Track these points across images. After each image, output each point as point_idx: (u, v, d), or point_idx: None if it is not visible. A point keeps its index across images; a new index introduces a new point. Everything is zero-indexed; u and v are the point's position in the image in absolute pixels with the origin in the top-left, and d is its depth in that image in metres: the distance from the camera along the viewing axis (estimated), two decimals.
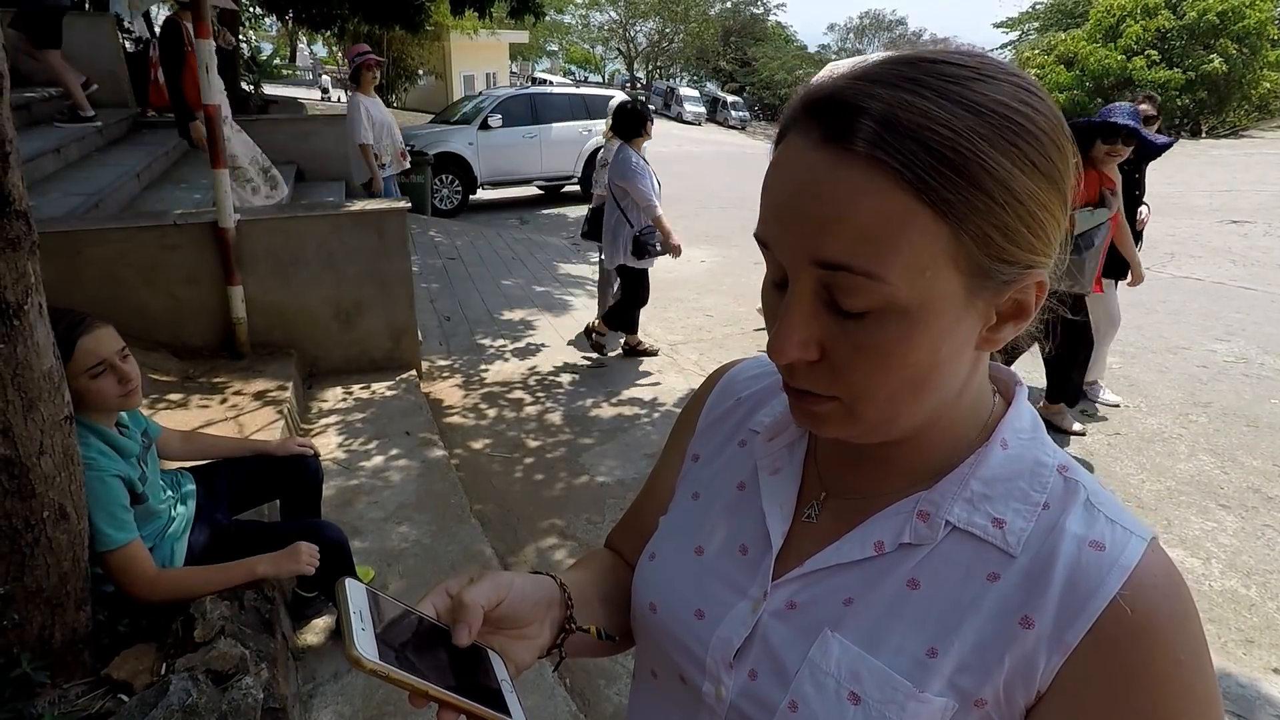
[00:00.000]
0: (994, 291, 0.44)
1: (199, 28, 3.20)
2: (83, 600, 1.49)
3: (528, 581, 0.56)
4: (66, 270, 3.17)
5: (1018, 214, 0.41)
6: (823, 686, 0.48)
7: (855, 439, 0.49)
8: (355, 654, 0.42)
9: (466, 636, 0.48)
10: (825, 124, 0.42)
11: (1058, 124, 0.43)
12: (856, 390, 0.45)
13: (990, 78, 0.42)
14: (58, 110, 5.37)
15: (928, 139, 0.39)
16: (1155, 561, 0.45)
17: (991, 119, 0.40)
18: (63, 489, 1.37)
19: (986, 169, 0.40)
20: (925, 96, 0.40)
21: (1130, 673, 0.42)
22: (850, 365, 0.44)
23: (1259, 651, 2.35)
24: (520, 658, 0.53)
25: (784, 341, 0.45)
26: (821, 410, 0.47)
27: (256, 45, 17.94)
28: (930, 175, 0.39)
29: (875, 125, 0.40)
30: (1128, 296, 4.62)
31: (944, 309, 0.43)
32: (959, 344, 0.45)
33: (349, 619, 0.44)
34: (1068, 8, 28.49)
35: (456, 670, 0.47)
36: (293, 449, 2.05)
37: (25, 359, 1.26)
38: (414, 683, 0.44)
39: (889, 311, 0.42)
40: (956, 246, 0.41)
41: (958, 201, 0.40)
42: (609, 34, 43.96)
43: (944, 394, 0.48)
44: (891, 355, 0.43)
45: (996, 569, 0.47)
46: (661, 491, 0.68)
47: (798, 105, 0.45)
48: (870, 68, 0.43)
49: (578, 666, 2.21)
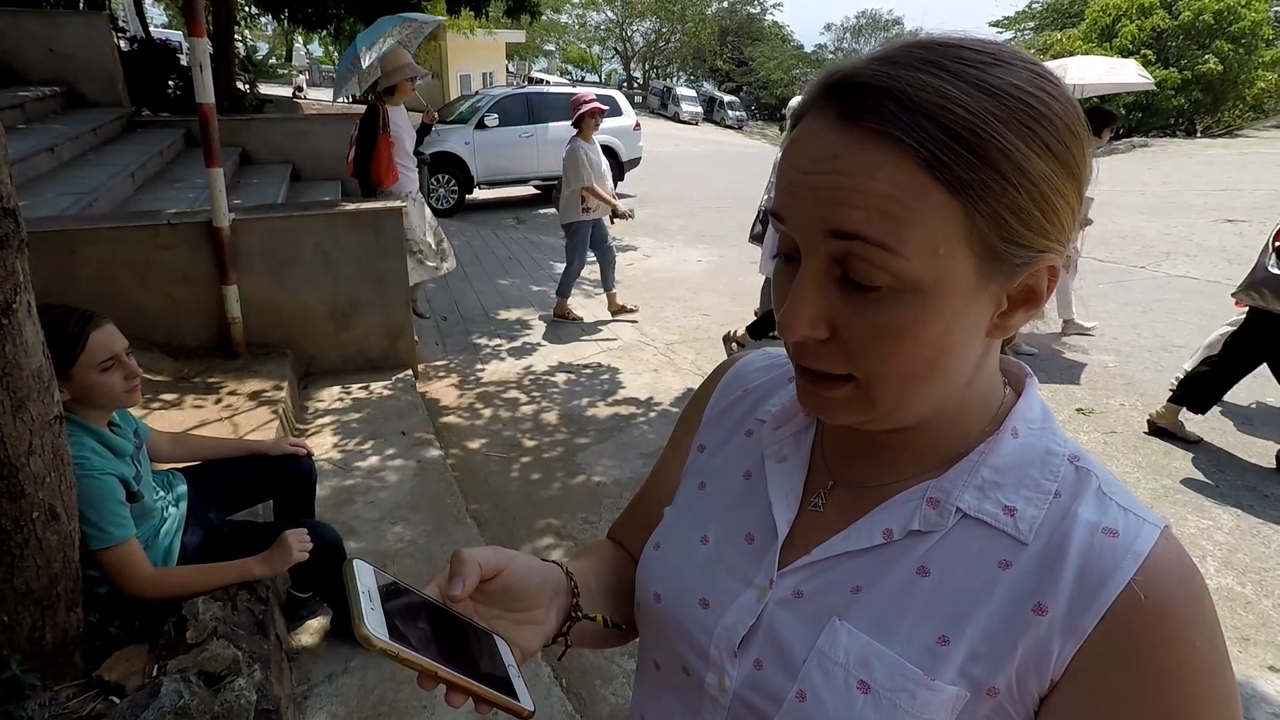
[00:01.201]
0: (1006, 276, 0.44)
1: (192, 26, 3.18)
2: (74, 602, 1.48)
3: (532, 562, 0.56)
4: (60, 270, 3.15)
5: (1031, 196, 0.42)
6: (831, 675, 0.47)
7: (866, 425, 0.49)
8: (365, 632, 0.42)
9: (460, 588, 0.49)
10: (844, 103, 0.43)
11: (1074, 111, 0.43)
12: (871, 370, 0.45)
13: (1007, 63, 0.42)
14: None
15: (943, 118, 0.40)
16: (1169, 548, 0.44)
17: (1007, 102, 0.41)
18: (53, 489, 1.36)
19: (1001, 150, 0.40)
20: (942, 78, 0.41)
21: (1145, 659, 0.42)
22: (863, 344, 0.44)
23: (1255, 649, 2.35)
24: (526, 643, 0.53)
25: (795, 317, 0.44)
26: (835, 395, 0.47)
27: (253, 45, 17.89)
28: (945, 153, 0.40)
29: (893, 104, 0.40)
30: (1125, 296, 4.63)
31: (957, 290, 0.43)
32: (971, 328, 0.45)
33: (358, 598, 0.44)
34: (1063, 8, 28.55)
35: (464, 653, 0.47)
36: (285, 448, 2.04)
37: (14, 358, 1.25)
38: (424, 663, 0.44)
39: (902, 289, 0.42)
40: (970, 226, 0.41)
41: (972, 181, 0.40)
42: (606, 33, 43.95)
43: (955, 379, 0.47)
44: (904, 334, 0.43)
45: (1008, 556, 0.46)
46: (666, 483, 0.68)
47: (816, 88, 0.45)
48: (889, 51, 0.43)
49: (574, 667, 2.20)
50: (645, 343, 5.10)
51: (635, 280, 6.76)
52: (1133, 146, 15.83)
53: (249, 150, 6.61)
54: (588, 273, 6.98)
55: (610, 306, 5.54)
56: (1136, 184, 11.16)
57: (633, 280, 6.76)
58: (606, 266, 5.49)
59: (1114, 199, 9.69)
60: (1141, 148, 15.67)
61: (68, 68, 6.13)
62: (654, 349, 4.97)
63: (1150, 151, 15.17)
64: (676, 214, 10.08)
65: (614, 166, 11.19)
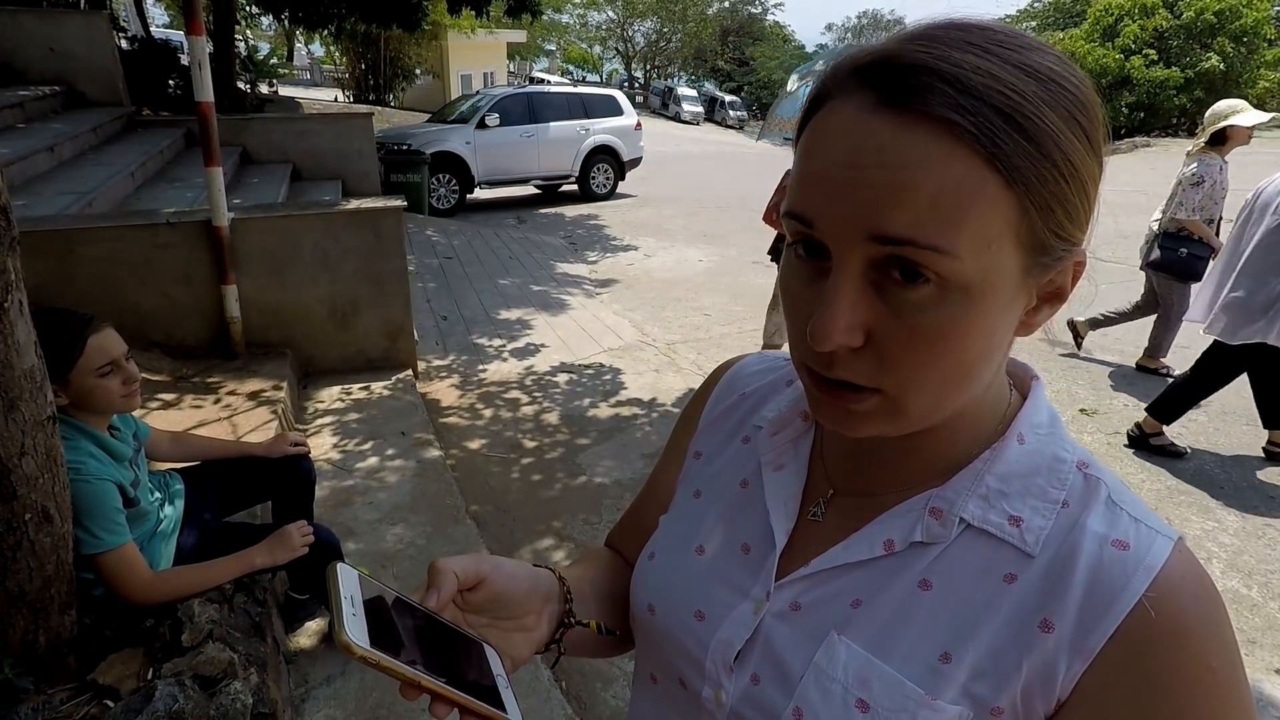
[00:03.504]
0: (1043, 270, 0.42)
1: (191, 25, 3.16)
2: (67, 604, 1.46)
3: (520, 568, 0.54)
4: (59, 269, 3.14)
5: (1074, 186, 0.39)
6: (829, 693, 0.45)
7: (890, 434, 0.45)
8: (345, 639, 0.40)
9: (435, 600, 0.47)
10: (885, 87, 0.38)
11: (1098, 98, 0.41)
12: (904, 380, 0.41)
13: (1036, 47, 0.40)
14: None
15: (998, 102, 0.37)
16: (1183, 562, 0.42)
17: (1050, 86, 0.38)
18: (46, 491, 1.34)
19: (1053, 137, 0.38)
20: (988, 59, 0.38)
21: (1158, 680, 0.39)
22: (901, 352, 0.40)
23: (1261, 652, 2.33)
24: (517, 651, 0.52)
25: (829, 327, 0.40)
26: (861, 408, 0.43)
27: (254, 45, 17.91)
28: (1004, 140, 0.37)
29: (948, 86, 0.37)
30: (1127, 296, 4.61)
31: (1002, 288, 0.40)
32: (1008, 327, 0.42)
33: (339, 604, 0.42)
34: (1065, 7, 28.51)
35: (451, 662, 0.45)
36: (284, 450, 2.02)
37: (5, 358, 1.23)
38: (405, 672, 0.42)
39: (950, 290, 0.39)
40: (1021, 218, 0.39)
41: (1027, 169, 0.38)
42: (607, 33, 43.93)
43: (983, 383, 0.45)
44: (948, 338, 0.40)
45: (1014, 569, 0.44)
46: (662, 490, 0.66)
47: (843, 70, 0.41)
48: (925, 30, 0.40)
49: (574, 669, 2.19)
50: (646, 343, 5.08)
51: (636, 280, 6.75)
52: (1135, 146, 15.79)
53: (249, 150, 6.60)
54: (588, 272, 7.00)
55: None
56: (1139, 184, 11.13)
57: (634, 280, 6.75)
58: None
59: (1116, 198, 9.65)
60: (1144, 147, 15.64)
61: (68, 67, 6.11)
62: (655, 349, 4.96)
63: (1152, 151, 15.13)
64: (677, 214, 10.07)
65: (615, 166, 11.21)
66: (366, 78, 19.80)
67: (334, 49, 22.69)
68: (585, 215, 9.97)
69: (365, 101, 18.55)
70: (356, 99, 19.37)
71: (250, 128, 6.73)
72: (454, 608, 0.50)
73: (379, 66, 19.47)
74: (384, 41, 18.56)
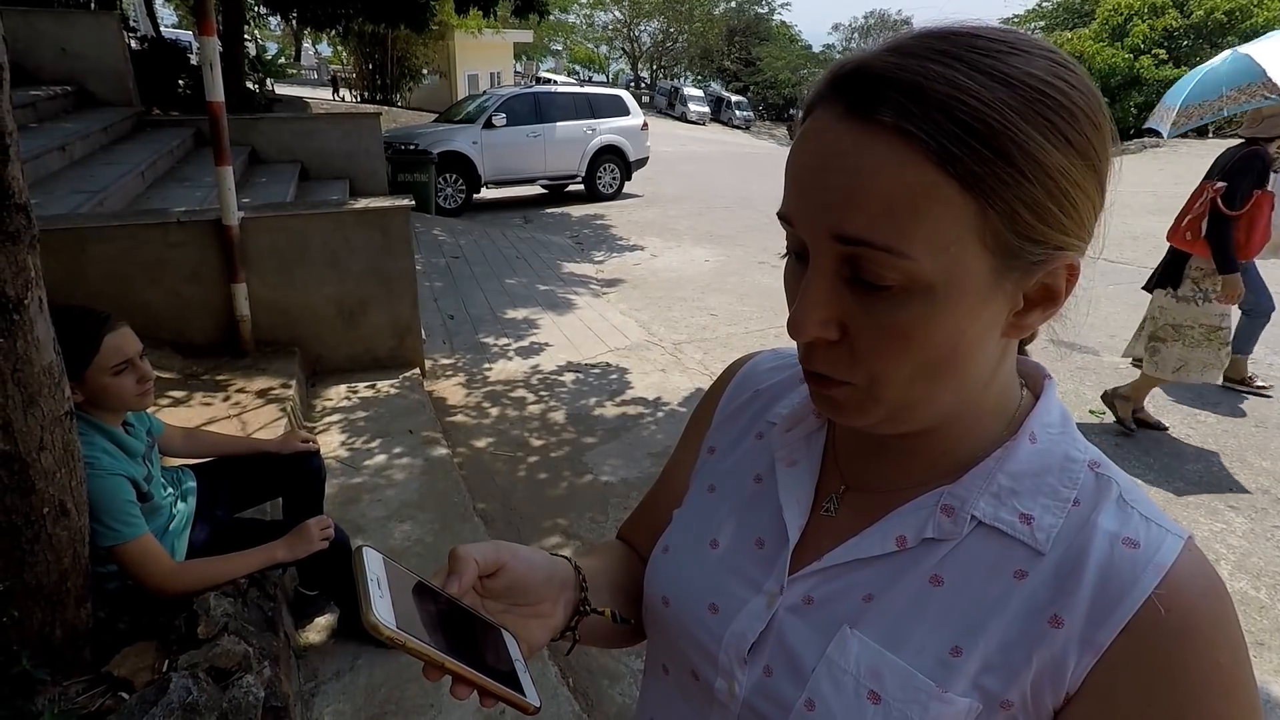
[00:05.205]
0: (1023, 273, 0.42)
1: (203, 25, 3.19)
2: (83, 597, 1.48)
3: (538, 556, 0.55)
4: (71, 267, 3.16)
5: (1048, 190, 0.40)
6: (841, 685, 0.46)
7: (876, 428, 0.48)
8: (374, 620, 0.42)
9: (456, 586, 0.48)
10: (851, 97, 0.41)
11: (1095, 101, 0.42)
12: (874, 374, 0.44)
13: (1024, 51, 0.41)
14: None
15: (955, 110, 0.38)
16: (1192, 561, 0.43)
17: (1023, 92, 0.39)
18: (63, 485, 1.36)
19: (1016, 142, 0.39)
20: (955, 68, 0.39)
21: (1166, 676, 0.40)
22: (871, 346, 0.43)
23: (1269, 654, 2.32)
24: (534, 637, 0.53)
25: (803, 319, 0.43)
26: (838, 394, 0.46)
27: (263, 45, 18.01)
28: (956, 147, 0.38)
29: (901, 96, 0.39)
30: (1136, 297, 4.59)
31: (969, 288, 0.41)
32: (984, 328, 0.43)
33: (366, 586, 0.44)
34: (1074, 6, 28.36)
35: (471, 646, 0.47)
36: (295, 446, 2.04)
37: (25, 354, 1.25)
38: (431, 653, 0.43)
39: (913, 289, 0.41)
40: (983, 222, 0.40)
41: (985, 175, 0.39)
42: (613, 33, 43.96)
43: (969, 381, 0.46)
44: (913, 335, 0.42)
45: (1024, 566, 0.45)
46: (676, 484, 0.67)
47: (824, 80, 0.44)
48: (901, 41, 0.42)
49: (581, 666, 2.20)
50: (652, 342, 5.09)
51: (643, 280, 6.76)
52: (1144, 146, 15.71)
53: (258, 149, 6.63)
54: (594, 272, 7.01)
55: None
56: (1148, 184, 11.08)
57: (640, 280, 6.76)
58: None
59: (1125, 199, 9.57)
60: (1152, 148, 15.55)
61: (78, 67, 6.16)
62: (661, 349, 4.96)
63: (1161, 152, 15.05)
64: (684, 214, 10.07)
65: (621, 166, 11.22)
66: (374, 78, 19.87)
67: (341, 49, 22.78)
68: (592, 215, 9.98)
69: (373, 101, 18.61)
70: (363, 99, 19.44)
71: (258, 127, 6.76)
72: (474, 593, 0.51)
73: (386, 66, 19.54)
74: (391, 41, 18.61)
